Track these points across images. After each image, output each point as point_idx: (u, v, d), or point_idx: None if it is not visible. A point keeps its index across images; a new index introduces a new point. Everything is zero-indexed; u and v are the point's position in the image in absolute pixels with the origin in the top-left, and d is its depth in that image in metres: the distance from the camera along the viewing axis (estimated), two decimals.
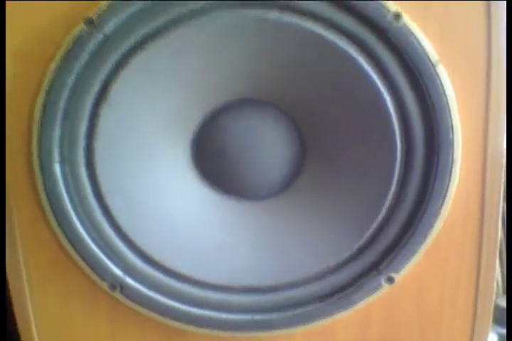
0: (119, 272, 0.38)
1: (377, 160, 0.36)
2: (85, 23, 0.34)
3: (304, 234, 0.39)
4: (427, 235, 0.37)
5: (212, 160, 0.40)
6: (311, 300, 0.38)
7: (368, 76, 0.34)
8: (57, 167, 0.36)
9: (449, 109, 0.35)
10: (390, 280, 0.38)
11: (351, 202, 0.38)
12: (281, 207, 0.40)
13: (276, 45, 0.35)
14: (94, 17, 0.34)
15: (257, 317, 0.38)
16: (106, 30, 0.34)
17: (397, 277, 0.38)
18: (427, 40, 0.35)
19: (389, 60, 0.34)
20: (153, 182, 0.38)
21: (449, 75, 0.35)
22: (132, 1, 0.33)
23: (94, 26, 0.34)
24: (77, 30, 0.34)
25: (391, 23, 0.34)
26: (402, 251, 0.37)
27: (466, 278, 0.39)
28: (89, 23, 0.34)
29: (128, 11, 0.34)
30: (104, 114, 0.35)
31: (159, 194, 0.39)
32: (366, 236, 0.37)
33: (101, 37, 0.34)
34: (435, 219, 0.36)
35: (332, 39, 0.34)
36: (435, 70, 0.34)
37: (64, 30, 0.35)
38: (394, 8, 0.34)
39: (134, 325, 0.41)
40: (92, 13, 0.34)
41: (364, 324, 0.40)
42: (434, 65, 0.34)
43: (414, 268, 0.38)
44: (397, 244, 0.37)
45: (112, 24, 0.34)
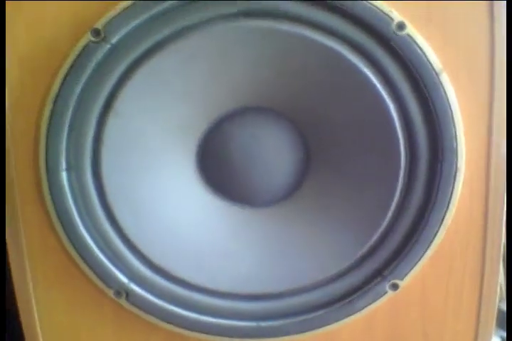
0: (125, 279, 0.38)
1: (381, 167, 0.37)
2: (92, 34, 0.34)
3: (309, 241, 0.39)
4: (431, 242, 0.37)
5: (217, 168, 0.40)
6: (316, 306, 0.39)
7: (372, 84, 0.35)
8: (64, 175, 0.37)
9: (452, 117, 0.35)
10: (394, 287, 0.38)
11: (355, 209, 0.38)
12: (286, 214, 0.40)
13: (281, 55, 0.35)
14: (100, 27, 0.34)
15: (263, 323, 0.39)
16: (112, 41, 0.34)
17: (401, 283, 0.38)
18: (431, 48, 0.35)
19: (392, 69, 0.35)
20: (158, 189, 0.38)
21: (452, 83, 0.35)
22: (138, 12, 0.34)
23: (100, 36, 0.34)
24: (84, 40, 0.35)
25: (395, 33, 0.34)
26: (406, 258, 0.37)
27: (470, 283, 0.39)
28: (96, 34, 0.34)
29: (134, 22, 0.34)
30: (111, 123, 0.36)
31: (165, 201, 0.39)
32: (370, 243, 0.37)
33: (107, 47, 0.34)
34: (439, 227, 0.37)
35: (336, 48, 0.34)
36: (439, 79, 0.34)
37: (71, 40, 0.35)
38: (397, 17, 0.34)
39: (139, 332, 0.41)
40: (98, 24, 0.34)
41: (369, 329, 0.41)
42: (437, 74, 0.34)
43: (418, 274, 0.38)
44: (401, 250, 0.37)
45: (119, 34, 0.34)
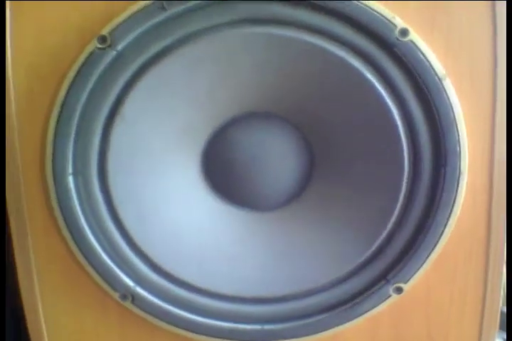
0: (131, 282, 0.39)
1: (385, 172, 0.37)
2: (98, 40, 0.35)
3: (313, 244, 0.39)
4: (435, 246, 0.37)
5: (222, 172, 0.40)
6: (320, 310, 0.39)
7: (376, 90, 0.35)
8: (71, 179, 0.37)
9: (455, 122, 0.35)
10: (399, 290, 0.38)
11: (359, 213, 0.38)
12: (290, 218, 0.40)
13: (285, 60, 0.35)
14: (106, 34, 0.35)
15: (267, 327, 0.39)
16: (118, 47, 0.35)
17: (405, 287, 0.38)
18: (434, 54, 0.35)
19: (396, 74, 0.35)
20: (164, 194, 0.39)
21: (455, 88, 0.35)
22: (144, 19, 0.34)
23: (107, 43, 0.35)
24: (90, 47, 0.35)
25: (398, 39, 0.34)
26: (410, 262, 0.37)
27: (474, 286, 0.40)
28: (102, 40, 0.35)
29: (140, 29, 0.34)
30: (117, 128, 0.36)
31: (170, 206, 0.39)
32: (374, 247, 0.38)
33: (113, 54, 0.35)
34: (443, 230, 0.37)
35: (340, 54, 0.35)
36: (442, 85, 0.34)
37: (77, 47, 0.36)
38: (401, 23, 0.34)
39: (145, 335, 0.41)
40: (104, 31, 0.35)
41: (373, 333, 0.41)
42: (440, 80, 0.35)
43: (422, 277, 0.38)
44: (405, 254, 0.38)
45: (125, 41, 0.34)
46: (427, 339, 0.41)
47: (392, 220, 0.37)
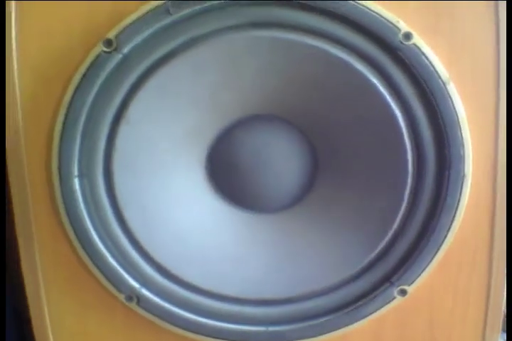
0: (136, 284, 0.39)
1: (389, 175, 0.37)
2: (104, 44, 0.35)
3: (317, 246, 0.39)
4: (439, 248, 0.37)
5: (226, 174, 0.40)
6: (325, 311, 0.39)
7: (379, 93, 0.35)
8: (77, 181, 0.37)
9: (459, 125, 0.35)
10: (403, 293, 0.38)
11: (364, 215, 0.38)
12: (294, 220, 0.41)
13: (289, 64, 0.36)
14: (112, 38, 0.35)
15: (271, 328, 0.39)
16: (124, 51, 0.35)
17: (409, 289, 0.38)
18: (437, 58, 0.35)
19: (399, 78, 0.35)
20: (169, 196, 0.39)
21: (458, 92, 0.36)
22: (149, 23, 0.34)
23: (112, 47, 0.35)
24: (96, 50, 0.35)
25: (401, 43, 0.34)
26: (414, 264, 0.38)
27: (477, 289, 0.40)
28: (108, 44, 0.35)
29: (145, 32, 0.34)
30: (122, 130, 0.36)
31: (175, 207, 0.39)
32: (379, 249, 0.38)
33: (119, 57, 0.35)
34: (446, 233, 0.37)
35: (344, 57, 0.35)
36: (446, 88, 0.35)
37: (83, 50, 0.36)
38: (404, 27, 0.34)
39: (150, 336, 0.41)
40: (110, 34, 0.35)
41: (377, 335, 0.41)
42: (444, 83, 0.35)
43: (426, 280, 0.38)
44: (409, 256, 0.38)
45: (130, 44, 0.35)
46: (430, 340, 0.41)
47: (396, 223, 0.37)
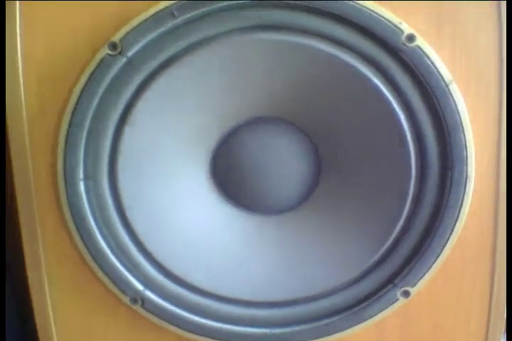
0: (140, 286, 0.39)
1: (392, 175, 0.37)
2: (109, 47, 0.35)
3: (320, 248, 0.39)
4: (442, 249, 0.37)
5: (230, 177, 0.40)
6: (328, 313, 0.39)
7: (383, 95, 0.35)
8: (82, 184, 0.37)
9: (462, 126, 0.35)
10: (406, 294, 0.38)
11: (367, 216, 0.39)
12: (298, 222, 0.41)
13: (293, 66, 0.36)
14: (117, 41, 0.35)
15: (275, 330, 0.39)
16: (129, 54, 0.35)
17: (413, 291, 0.38)
18: (440, 59, 0.35)
19: (403, 80, 0.35)
20: (173, 198, 0.39)
21: (461, 93, 0.36)
22: (154, 26, 0.35)
23: (117, 50, 0.35)
24: (101, 53, 0.35)
25: (404, 44, 0.34)
26: (417, 266, 0.38)
27: (480, 290, 0.40)
28: (113, 47, 0.35)
29: (150, 36, 0.35)
30: (127, 133, 0.36)
31: (179, 210, 0.39)
32: (382, 251, 0.38)
33: (124, 60, 0.35)
34: (449, 234, 0.37)
35: (347, 59, 0.35)
36: (449, 90, 0.35)
37: (88, 53, 0.36)
38: (407, 29, 0.35)
39: (154, 338, 0.41)
40: (115, 37, 0.35)
41: (380, 336, 0.41)
42: (447, 85, 0.35)
43: (429, 281, 0.38)
44: (413, 258, 0.38)
45: (135, 48, 0.35)
46: None
47: (399, 224, 0.37)
